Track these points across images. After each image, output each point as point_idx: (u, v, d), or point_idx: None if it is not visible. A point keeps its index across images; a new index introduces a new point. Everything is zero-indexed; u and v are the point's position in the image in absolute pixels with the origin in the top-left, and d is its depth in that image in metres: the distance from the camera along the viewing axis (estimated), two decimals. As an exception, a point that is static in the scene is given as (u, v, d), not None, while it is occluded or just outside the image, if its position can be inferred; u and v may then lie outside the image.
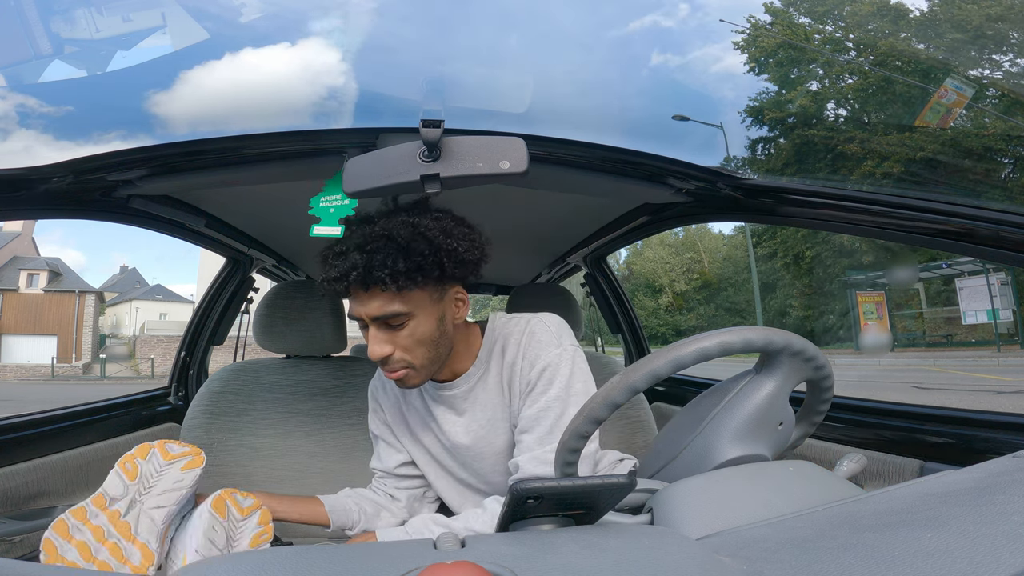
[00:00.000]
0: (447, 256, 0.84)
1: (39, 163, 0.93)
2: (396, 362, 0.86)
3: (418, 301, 0.85)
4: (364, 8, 1.30)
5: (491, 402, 0.97)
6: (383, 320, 0.84)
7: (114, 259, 56.62)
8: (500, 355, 0.96)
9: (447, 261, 0.84)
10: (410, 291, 0.83)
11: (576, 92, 1.34)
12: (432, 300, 0.86)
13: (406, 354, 0.86)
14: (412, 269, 0.81)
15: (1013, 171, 5.91)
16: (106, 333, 26.43)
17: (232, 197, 1.34)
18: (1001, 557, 0.31)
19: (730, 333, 0.64)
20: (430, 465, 1.06)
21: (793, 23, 8.21)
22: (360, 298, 0.84)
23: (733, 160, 9.85)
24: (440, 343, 0.89)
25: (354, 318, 0.88)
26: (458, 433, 0.99)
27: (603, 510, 0.48)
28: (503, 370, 0.95)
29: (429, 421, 1.02)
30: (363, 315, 0.84)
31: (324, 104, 1.12)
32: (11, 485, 1.08)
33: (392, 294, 0.82)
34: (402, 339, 0.85)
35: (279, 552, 0.39)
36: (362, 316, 0.85)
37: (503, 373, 0.95)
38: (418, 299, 0.85)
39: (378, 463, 1.10)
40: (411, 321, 0.85)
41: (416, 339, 0.85)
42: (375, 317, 0.84)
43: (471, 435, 0.98)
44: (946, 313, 16.23)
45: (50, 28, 1.05)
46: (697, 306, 26.44)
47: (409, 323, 0.85)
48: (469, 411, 0.98)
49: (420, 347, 0.86)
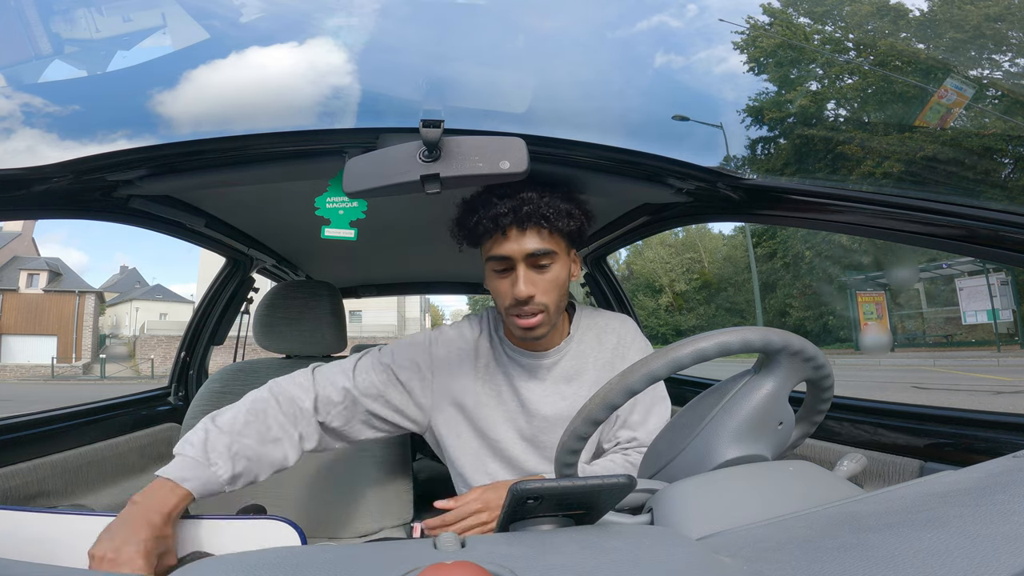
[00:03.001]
0: (585, 216, 0.98)
1: (39, 163, 0.93)
2: (536, 304, 0.94)
3: (560, 247, 0.96)
4: (365, 9, 1.30)
5: (577, 378, 1.04)
6: (535, 258, 0.93)
7: (116, 259, 56.69)
8: (595, 339, 1.07)
9: (585, 220, 0.98)
10: (559, 236, 0.95)
11: (577, 92, 1.35)
12: (566, 252, 0.98)
13: (544, 297, 0.94)
14: (566, 215, 0.94)
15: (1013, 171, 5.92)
16: (106, 333, 26.44)
17: (232, 197, 1.34)
18: (1001, 557, 0.31)
19: (728, 333, 0.64)
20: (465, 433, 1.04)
21: (792, 23, 8.22)
22: (514, 237, 0.93)
23: (733, 160, 9.86)
24: (565, 294, 0.99)
25: (498, 259, 0.94)
26: (536, 401, 1.03)
27: (603, 510, 0.48)
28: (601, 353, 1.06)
29: (505, 391, 1.04)
30: (516, 253, 0.93)
31: (325, 104, 1.12)
32: (11, 485, 1.08)
33: (547, 234, 0.93)
34: (544, 281, 0.94)
35: (279, 552, 0.39)
36: (514, 254, 0.93)
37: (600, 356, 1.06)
38: (560, 245, 0.96)
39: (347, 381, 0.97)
40: (554, 264, 0.95)
41: (555, 283, 0.95)
42: (529, 253, 0.93)
43: (550, 406, 1.03)
44: (946, 313, 16.24)
45: (50, 28, 1.05)
46: (697, 306, 26.45)
47: (553, 266, 0.95)
48: (552, 382, 1.04)
49: (555, 291, 0.95)
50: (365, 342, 3.19)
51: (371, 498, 1.40)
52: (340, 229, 0.98)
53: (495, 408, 1.04)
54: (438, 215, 1.67)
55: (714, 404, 0.71)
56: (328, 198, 0.98)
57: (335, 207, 0.98)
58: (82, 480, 1.25)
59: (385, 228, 1.63)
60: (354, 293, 2.74)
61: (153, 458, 1.57)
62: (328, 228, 0.97)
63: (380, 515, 1.41)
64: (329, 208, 0.98)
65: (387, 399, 1.00)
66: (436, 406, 1.04)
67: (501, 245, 0.93)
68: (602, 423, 0.67)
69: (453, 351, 1.05)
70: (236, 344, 2.07)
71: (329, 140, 1.00)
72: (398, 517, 1.43)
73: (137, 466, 1.48)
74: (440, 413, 1.04)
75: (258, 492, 1.35)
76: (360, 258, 2.18)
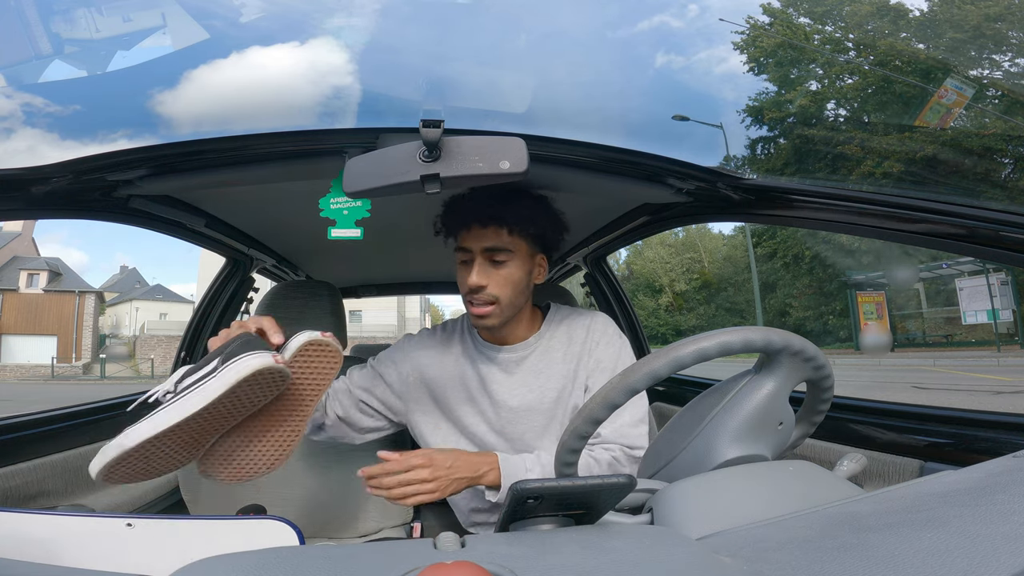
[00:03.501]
0: (551, 224, 1.07)
1: (39, 163, 0.93)
2: (487, 295, 1.01)
3: (520, 248, 1.03)
4: (366, 9, 1.30)
5: (545, 372, 1.09)
6: (490, 253, 1.01)
7: (116, 259, 56.66)
8: (565, 335, 1.11)
9: (550, 228, 1.06)
10: (518, 237, 1.02)
11: (577, 92, 1.35)
12: (528, 254, 1.05)
13: (497, 289, 1.01)
14: (528, 219, 1.02)
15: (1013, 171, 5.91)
16: (106, 333, 26.43)
17: (232, 197, 1.34)
18: (1001, 557, 0.31)
19: (729, 333, 0.64)
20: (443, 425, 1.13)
21: (793, 23, 8.21)
22: (476, 232, 1.01)
23: (733, 160, 9.83)
24: (522, 293, 1.05)
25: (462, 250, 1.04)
26: (503, 393, 1.08)
27: (603, 510, 0.48)
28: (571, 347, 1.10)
29: (472, 383, 1.10)
30: (474, 246, 1.01)
31: (325, 104, 1.12)
32: (11, 485, 1.08)
33: (505, 234, 1.01)
34: (498, 276, 1.01)
35: (279, 552, 0.39)
36: (472, 247, 1.01)
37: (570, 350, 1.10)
38: (520, 247, 1.03)
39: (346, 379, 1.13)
40: (511, 262, 1.02)
41: (509, 280, 1.02)
42: (486, 248, 1.01)
43: (517, 397, 1.08)
44: (946, 313, 16.23)
45: (50, 28, 1.05)
46: (697, 306, 26.44)
47: (509, 263, 1.02)
48: (520, 375, 1.09)
49: (509, 287, 1.02)
50: (365, 342, 3.19)
51: (371, 498, 1.40)
52: (346, 229, 0.99)
53: (465, 401, 1.11)
54: (438, 215, 1.67)
55: (714, 404, 0.71)
56: (332, 199, 0.98)
57: (339, 207, 0.99)
58: (82, 480, 1.25)
59: (385, 228, 1.63)
60: (354, 293, 2.74)
61: (153, 458, 1.56)
62: (335, 229, 0.98)
63: (380, 515, 1.41)
64: (334, 209, 0.99)
65: (372, 391, 1.12)
66: (412, 397, 1.12)
67: (464, 238, 1.03)
68: (603, 422, 0.67)
69: (426, 346, 1.14)
70: (236, 344, 2.07)
71: (329, 140, 1.00)
72: (398, 517, 1.43)
73: (137, 466, 1.47)
74: (416, 404, 1.13)
75: (258, 492, 1.35)
76: (360, 258, 2.18)
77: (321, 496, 1.39)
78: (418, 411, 1.13)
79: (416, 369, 1.12)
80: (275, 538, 0.72)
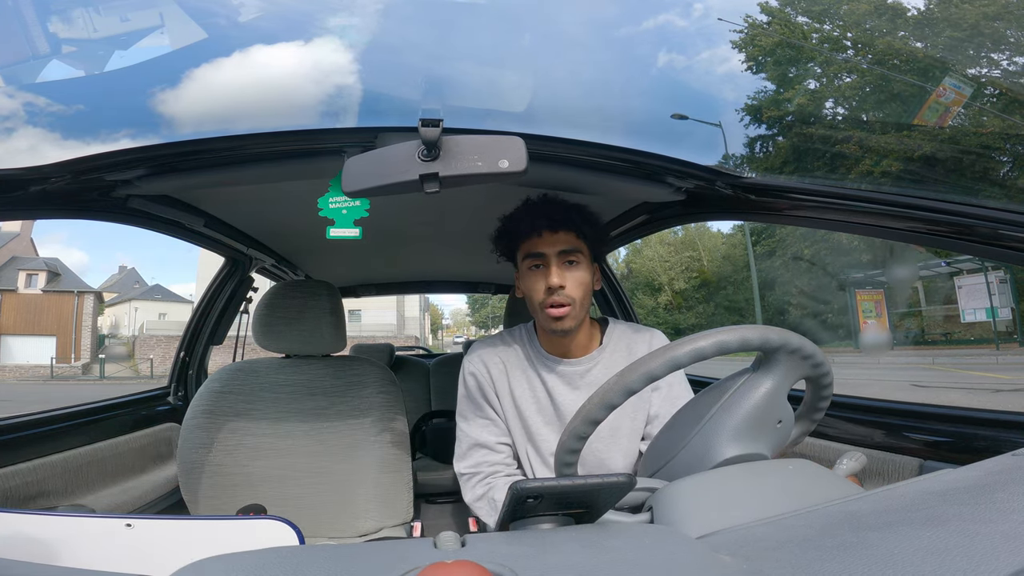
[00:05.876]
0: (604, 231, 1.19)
1: (38, 163, 0.93)
2: (565, 295, 1.05)
3: (585, 252, 1.10)
4: (367, 9, 1.30)
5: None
6: (564, 255, 1.07)
7: (116, 259, 56.60)
8: (626, 349, 1.15)
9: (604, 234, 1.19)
10: (583, 241, 1.09)
11: (577, 91, 1.34)
12: (589, 259, 1.11)
13: (572, 291, 1.06)
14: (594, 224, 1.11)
15: (1011, 169, 5.93)
16: (105, 333, 26.40)
17: (231, 197, 1.34)
18: (1000, 555, 0.31)
19: (726, 332, 0.64)
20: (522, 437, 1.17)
21: (791, 22, 8.22)
22: (548, 237, 1.07)
23: (732, 159, 9.81)
24: (589, 295, 1.10)
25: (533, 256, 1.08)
26: (569, 405, 1.11)
27: (603, 509, 0.48)
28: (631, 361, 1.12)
29: (540, 394, 1.15)
30: (548, 250, 1.06)
31: (324, 103, 1.12)
32: (11, 485, 1.08)
33: (575, 236, 1.08)
34: (573, 277, 1.07)
35: (279, 552, 0.39)
36: (546, 251, 1.07)
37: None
38: (585, 251, 1.10)
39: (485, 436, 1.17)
40: (581, 264, 1.08)
41: (582, 281, 1.08)
42: (562, 250, 1.07)
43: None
44: (945, 311, 16.24)
45: (47, 28, 1.05)
46: (696, 305, 26.42)
47: (580, 264, 1.08)
48: (584, 390, 1.12)
49: (581, 289, 1.07)
50: (364, 341, 3.19)
51: (371, 498, 1.40)
52: (345, 229, 0.98)
53: (537, 412, 1.15)
54: (437, 215, 1.67)
55: (713, 402, 0.71)
56: (330, 198, 0.98)
57: (338, 207, 0.98)
58: (82, 480, 1.25)
59: (384, 228, 1.63)
60: (353, 292, 2.74)
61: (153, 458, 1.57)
62: (333, 229, 0.98)
63: (380, 515, 1.41)
64: (332, 208, 0.98)
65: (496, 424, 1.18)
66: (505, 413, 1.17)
67: (536, 244, 1.07)
68: (601, 422, 0.67)
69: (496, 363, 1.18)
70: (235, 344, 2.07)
71: (327, 139, 1.00)
72: (398, 517, 1.43)
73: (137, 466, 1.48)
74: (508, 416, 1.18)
75: (258, 492, 1.35)
76: (359, 258, 2.18)
77: (321, 496, 1.39)
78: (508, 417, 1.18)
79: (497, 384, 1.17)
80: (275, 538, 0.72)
